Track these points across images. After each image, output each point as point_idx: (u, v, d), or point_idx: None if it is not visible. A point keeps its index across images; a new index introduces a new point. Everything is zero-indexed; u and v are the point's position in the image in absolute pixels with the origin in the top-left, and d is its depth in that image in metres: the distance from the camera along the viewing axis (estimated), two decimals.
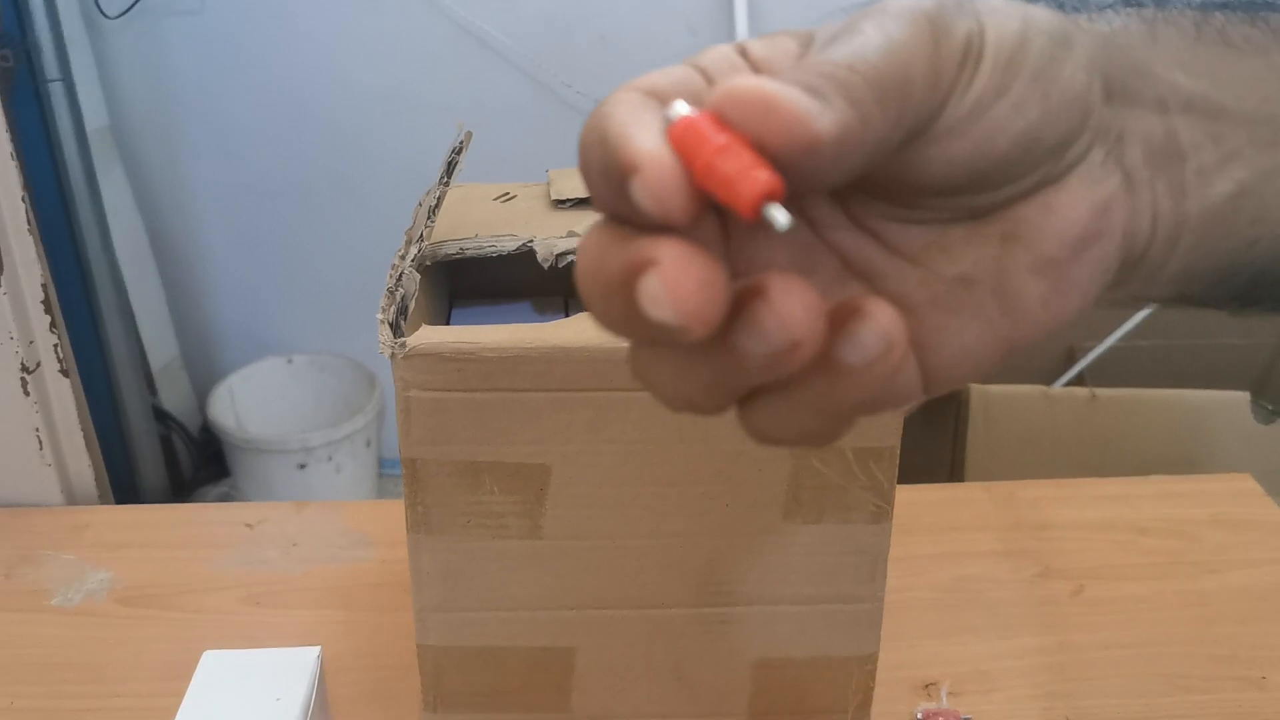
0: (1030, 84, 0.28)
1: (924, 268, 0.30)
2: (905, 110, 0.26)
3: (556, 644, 0.60)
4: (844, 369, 0.26)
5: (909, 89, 0.26)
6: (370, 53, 1.86)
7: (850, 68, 0.25)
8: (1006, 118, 0.28)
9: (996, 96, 0.28)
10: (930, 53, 0.27)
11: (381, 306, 0.53)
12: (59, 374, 0.87)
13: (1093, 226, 0.30)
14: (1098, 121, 0.29)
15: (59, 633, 0.74)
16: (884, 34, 0.26)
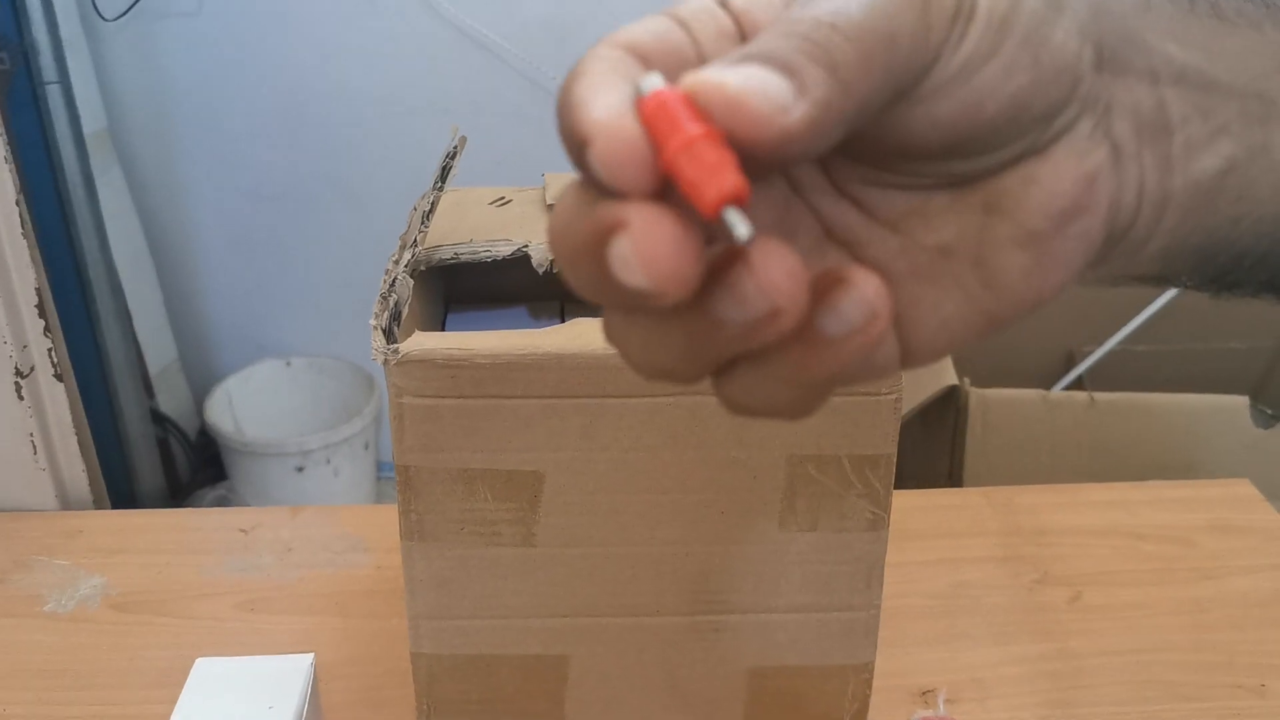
0: (1021, 47, 0.27)
1: (904, 236, 0.30)
2: (891, 69, 0.25)
3: (550, 652, 0.59)
4: (824, 339, 0.25)
5: (895, 46, 0.25)
6: (368, 55, 1.85)
7: (832, 25, 0.25)
8: (996, 80, 0.27)
9: (987, 58, 0.27)
10: (919, 11, 0.26)
11: (375, 312, 0.53)
12: (53, 378, 0.86)
13: (1078, 200, 0.29)
14: (1087, 90, 0.29)
15: (52, 639, 0.74)
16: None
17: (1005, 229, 0.29)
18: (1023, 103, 0.27)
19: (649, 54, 0.26)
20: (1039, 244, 0.29)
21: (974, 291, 0.29)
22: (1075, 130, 0.29)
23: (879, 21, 0.25)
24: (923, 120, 0.27)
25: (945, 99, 0.27)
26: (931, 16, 0.26)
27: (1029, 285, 0.29)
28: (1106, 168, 0.29)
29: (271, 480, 1.91)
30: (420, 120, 1.89)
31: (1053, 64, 0.27)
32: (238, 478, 1.95)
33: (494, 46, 1.82)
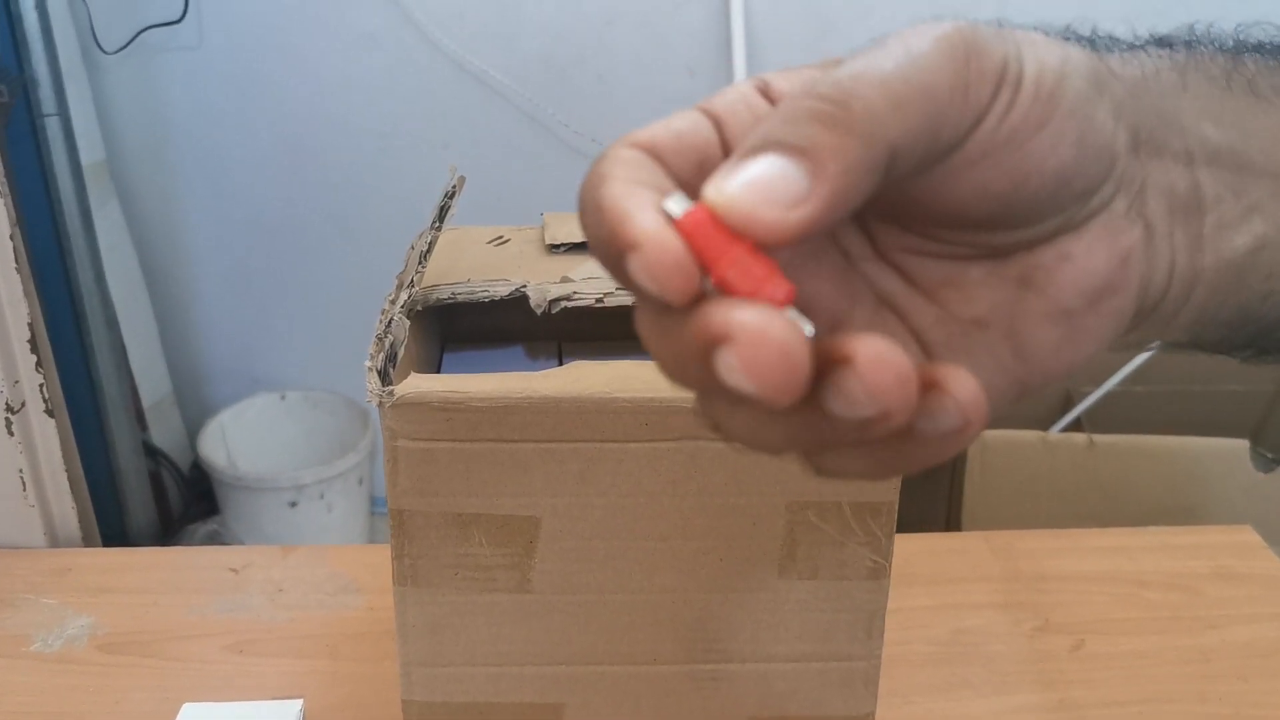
0: (1068, 121, 0.27)
1: (941, 306, 0.30)
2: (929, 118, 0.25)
3: (545, 700, 0.58)
4: (920, 436, 0.25)
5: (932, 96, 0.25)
6: (367, 90, 1.86)
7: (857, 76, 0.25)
8: (1043, 153, 0.27)
9: (1036, 129, 0.27)
10: (959, 67, 0.26)
11: (370, 353, 0.52)
12: (44, 414, 0.85)
13: (1110, 279, 0.29)
14: (1123, 170, 0.29)
15: (37, 680, 0.73)
16: (905, 46, 0.26)
17: (1039, 304, 0.29)
18: (1066, 178, 0.28)
19: (666, 154, 0.27)
20: (1071, 320, 0.29)
21: (1006, 362, 0.30)
22: (1111, 209, 0.29)
23: (912, 73, 0.25)
24: (972, 186, 0.28)
25: (994, 167, 0.27)
26: (971, 75, 0.26)
27: (1059, 358, 0.30)
28: (1139, 247, 0.29)
29: (264, 515, 1.89)
30: (418, 155, 1.89)
31: (1094, 142, 0.28)
32: (230, 512, 1.94)
33: (493, 82, 1.83)
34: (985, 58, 0.26)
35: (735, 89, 0.29)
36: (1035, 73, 0.27)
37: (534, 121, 1.85)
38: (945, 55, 0.26)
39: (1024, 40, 0.28)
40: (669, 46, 1.81)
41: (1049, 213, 0.28)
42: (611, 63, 1.83)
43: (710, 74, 1.82)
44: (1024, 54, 0.27)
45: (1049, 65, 0.27)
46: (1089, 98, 0.28)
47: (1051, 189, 0.28)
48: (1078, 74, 0.28)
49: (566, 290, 0.58)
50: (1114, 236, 0.29)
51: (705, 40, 1.80)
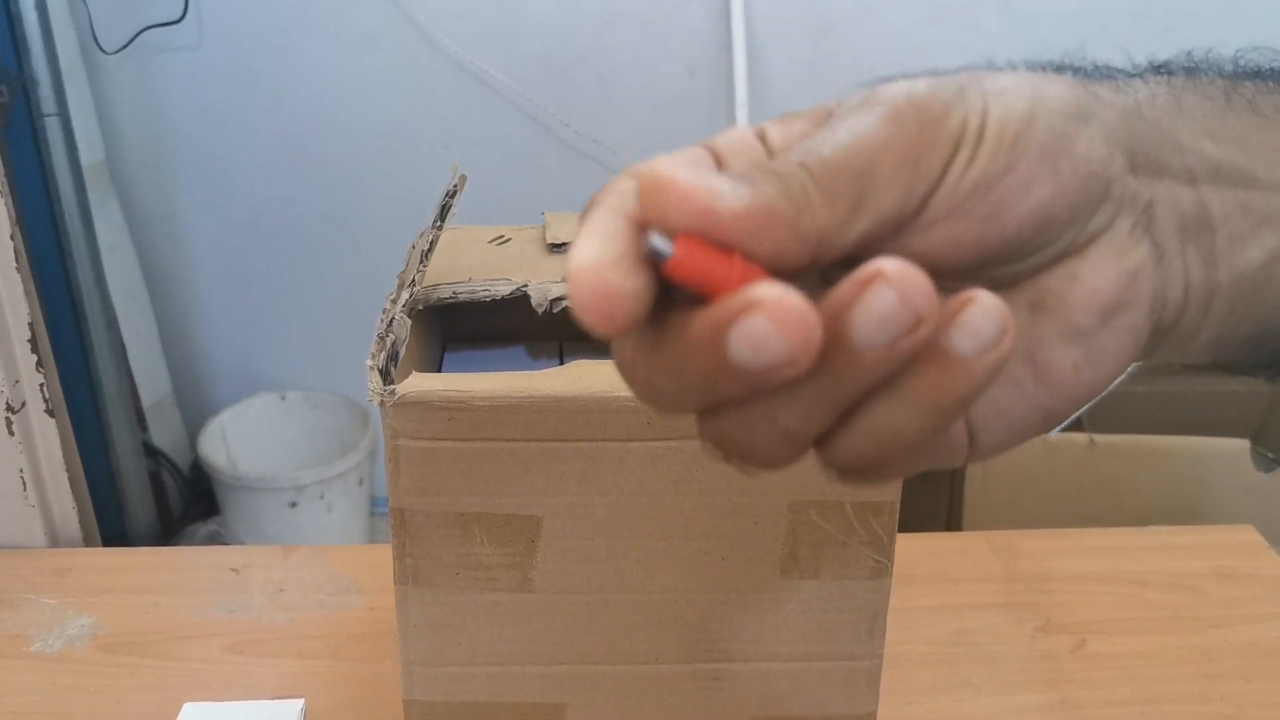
0: (1038, 161, 0.28)
1: None
2: (864, 199, 0.26)
3: (546, 700, 0.58)
4: (958, 358, 0.25)
5: (868, 180, 0.26)
6: (368, 90, 1.85)
7: (800, 163, 0.26)
8: (1014, 196, 0.28)
9: (1001, 176, 0.28)
10: (908, 142, 0.27)
11: (372, 353, 0.52)
12: (45, 414, 0.85)
13: (1120, 295, 0.29)
14: (1122, 192, 0.29)
15: (37, 680, 0.73)
16: (849, 129, 0.27)
17: (1052, 326, 0.30)
18: (1046, 213, 0.28)
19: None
20: (1086, 339, 0.30)
21: (1028, 388, 0.30)
22: (1114, 229, 0.30)
23: (850, 159, 0.26)
24: (944, 240, 0.28)
25: (962, 219, 0.28)
26: (923, 146, 0.27)
27: (1080, 379, 0.30)
28: (1149, 264, 0.30)
29: (264, 515, 1.89)
30: (419, 155, 1.89)
31: (1076, 173, 0.28)
32: (230, 512, 1.94)
33: (493, 82, 1.82)
34: (940, 125, 0.27)
35: (736, 131, 0.30)
36: (999, 123, 0.28)
37: (534, 121, 1.85)
38: (892, 133, 0.27)
39: (992, 91, 0.28)
40: (669, 46, 1.81)
41: (1041, 244, 0.29)
42: (612, 63, 1.82)
43: (710, 74, 1.82)
44: (990, 107, 0.28)
45: (1015, 112, 0.28)
46: (1065, 133, 0.28)
47: (1034, 225, 0.28)
48: (1050, 111, 0.28)
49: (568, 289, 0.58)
50: (1120, 256, 0.29)
51: (705, 40, 1.80)
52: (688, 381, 0.25)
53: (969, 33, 1.79)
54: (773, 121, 0.30)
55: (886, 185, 0.27)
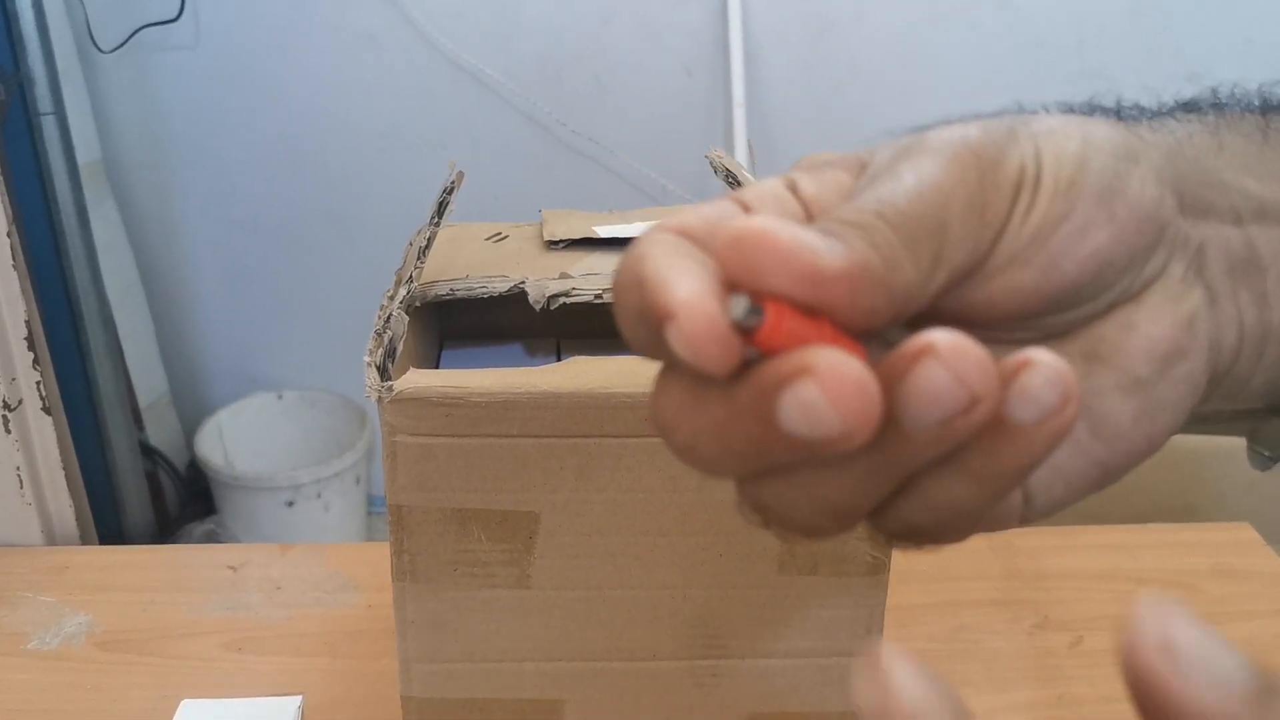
0: (1095, 205, 0.27)
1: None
2: (942, 251, 0.25)
3: (544, 697, 0.58)
4: (1017, 428, 0.24)
5: (944, 230, 0.25)
6: (365, 90, 1.86)
7: (877, 213, 0.24)
8: (1072, 242, 0.27)
9: (1060, 222, 0.27)
10: (972, 190, 0.26)
11: (369, 349, 0.52)
12: (41, 412, 0.85)
13: (1178, 342, 0.29)
14: (1174, 235, 0.28)
15: (35, 677, 0.73)
16: (917, 175, 0.25)
17: (1109, 376, 0.29)
18: (1104, 258, 0.27)
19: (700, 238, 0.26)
20: (1144, 389, 0.28)
21: (1084, 442, 0.29)
22: (1168, 274, 0.29)
23: (925, 208, 0.25)
24: (1003, 289, 0.27)
25: (1022, 267, 0.27)
26: (987, 194, 0.26)
27: (1139, 431, 0.29)
28: (1203, 309, 0.29)
29: (262, 514, 1.89)
30: (416, 155, 1.89)
31: (1132, 215, 0.27)
32: (227, 512, 1.94)
33: (490, 81, 1.83)
34: (999, 170, 0.26)
35: (765, 184, 0.28)
36: (1054, 167, 0.27)
37: (531, 121, 1.85)
38: (956, 180, 0.26)
39: (1041, 134, 0.27)
40: (666, 46, 1.81)
41: (1097, 291, 0.28)
42: (609, 62, 1.83)
43: (707, 74, 1.82)
44: (1042, 151, 0.27)
45: (1067, 154, 0.27)
46: (1118, 174, 0.27)
47: (1092, 271, 0.27)
48: (1101, 153, 0.27)
49: (565, 286, 0.58)
50: (1175, 302, 0.28)
51: (702, 40, 1.80)
52: (733, 445, 0.24)
53: (967, 32, 1.79)
54: (801, 171, 0.28)
55: (959, 235, 0.25)
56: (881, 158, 0.27)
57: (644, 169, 1.86)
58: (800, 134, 1.84)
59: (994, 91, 1.82)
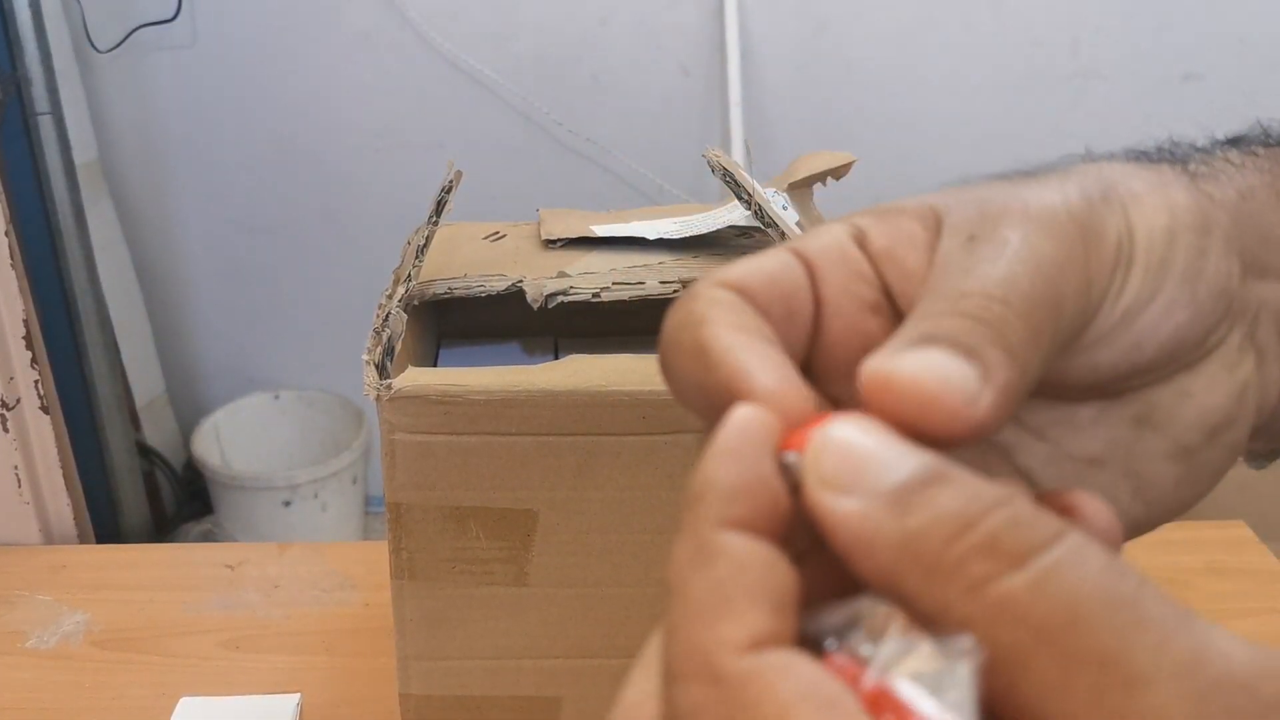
0: (1179, 285, 0.26)
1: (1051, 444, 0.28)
2: (1057, 335, 0.24)
3: (542, 694, 0.58)
4: None
5: (1061, 311, 0.24)
6: (362, 89, 1.86)
7: (1004, 301, 0.23)
8: (1156, 323, 0.26)
9: (1147, 302, 0.26)
10: (1080, 265, 0.25)
11: (367, 347, 0.52)
12: (39, 411, 0.85)
13: (1229, 413, 0.28)
14: (1239, 305, 0.28)
15: (33, 676, 0.73)
16: (1032, 249, 0.24)
17: (1158, 443, 0.28)
18: (1180, 338, 0.27)
19: (758, 297, 0.25)
20: (1191, 457, 0.28)
21: (1124, 503, 0.28)
22: (1226, 343, 0.28)
23: (1046, 289, 0.24)
24: (1084, 367, 0.26)
25: (1106, 347, 0.26)
26: (1093, 270, 0.25)
27: (1178, 496, 0.28)
28: (1254, 375, 0.28)
29: (258, 514, 1.89)
30: (413, 154, 1.89)
31: (1209, 293, 0.27)
32: (224, 512, 1.94)
33: (487, 81, 1.83)
34: (1101, 244, 0.25)
35: (829, 233, 0.26)
36: (1145, 243, 0.26)
37: (528, 120, 1.86)
38: (1068, 255, 0.24)
39: (1130, 201, 0.26)
40: (663, 45, 1.81)
41: (1165, 368, 0.27)
42: (606, 62, 1.83)
43: (704, 73, 1.82)
44: (1133, 224, 0.26)
45: (1158, 230, 0.26)
46: (1200, 250, 0.26)
47: (1168, 351, 0.27)
48: (1187, 229, 0.26)
49: (563, 285, 0.58)
50: (1231, 370, 0.28)
51: (699, 39, 1.80)
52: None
53: (963, 33, 1.80)
54: (869, 218, 0.27)
55: (1071, 314, 0.24)
56: (967, 217, 0.25)
57: (641, 169, 1.86)
58: (797, 134, 1.84)
59: (990, 91, 1.83)
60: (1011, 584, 0.19)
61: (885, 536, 0.20)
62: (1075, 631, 0.18)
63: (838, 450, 0.21)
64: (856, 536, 0.20)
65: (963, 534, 0.19)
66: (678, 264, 0.60)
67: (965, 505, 0.20)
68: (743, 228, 0.64)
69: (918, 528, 0.20)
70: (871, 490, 0.20)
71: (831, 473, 0.21)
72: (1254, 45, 1.80)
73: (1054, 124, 1.84)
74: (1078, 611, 0.18)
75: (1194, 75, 1.83)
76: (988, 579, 0.19)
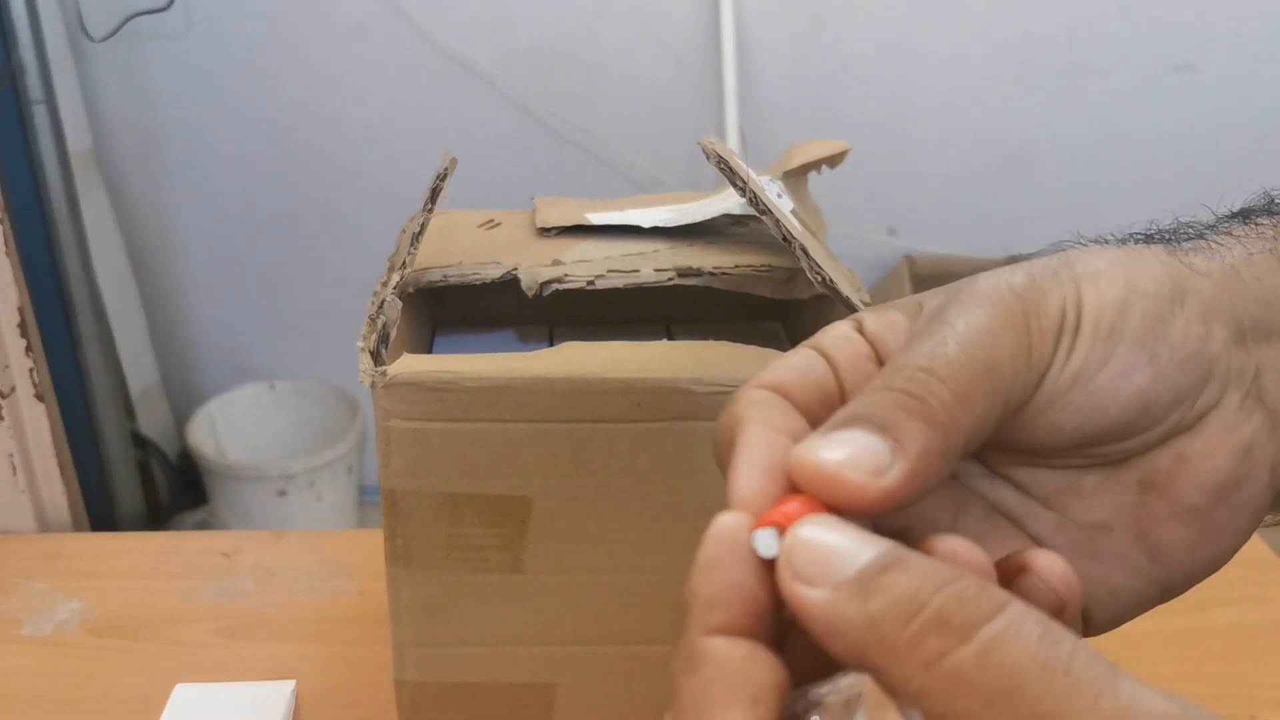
0: (1135, 349, 0.27)
1: (1059, 513, 0.30)
2: (994, 396, 0.26)
3: (537, 680, 0.58)
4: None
5: (995, 374, 0.26)
6: (356, 80, 1.85)
7: (929, 369, 0.26)
8: (1112, 385, 0.27)
9: (1100, 365, 0.27)
10: (1019, 331, 0.27)
11: (363, 334, 0.52)
12: (34, 399, 0.85)
13: (1234, 473, 0.28)
14: (1226, 367, 0.28)
15: (28, 663, 0.73)
16: (966, 321, 0.26)
17: (1163, 506, 0.29)
18: (1147, 398, 0.28)
19: (794, 392, 0.28)
20: (1201, 517, 0.29)
21: (1140, 565, 0.29)
22: (1223, 405, 0.28)
23: (976, 354, 0.26)
24: (1045, 427, 0.28)
25: (1064, 408, 0.28)
26: (1033, 337, 0.27)
27: (1196, 555, 0.29)
28: (1263, 435, 0.29)
29: (253, 504, 1.89)
30: (407, 146, 1.89)
31: (1173, 357, 0.28)
32: (219, 502, 1.94)
33: (482, 72, 1.83)
34: (1043, 314, 0.27)
35: (836, 329, 0.30)
36: (1094, 312, 0.27)
37: (523, 111, 1.86)
38: (1004, 324, 0.27)
39: (1085, 277, 0.28)
40: (657, 36, 1.81)
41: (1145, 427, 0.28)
42: (600, 53, 1.83)
43: (699, 65, 1.82)
44: (1083, 295, 0.27)
45: (1109, 300, 0.27)
46: (1160, 317, 0.27)
47: (1135, 410, 0.28)
48: (1145, 297, 0.28)
49: (558, 273, 0.58)
50: (1231, 431, 0.28)
51: (694, 31, 1.80)
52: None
53: (958, 24, 1.80)
54: (866, 312, 0.30)
55: (1009, 377, 0.26)
56: (933, 304, 0.28)
57: (636, 160, 1.86)
58: (791, 124, 1.85)
59: (984, 84, 1.83)
60: (960, 657, 0.21)
61: (850, 620, 0.23)
62: (1018, 698, 0.20)
63: (805, 547, 0.24)
64: (827, 622, 0.23)
65: (916, 614, 0.22)
66: (672, 252, 0.61)
67: (918, 586, 0.22)
68: (737, 216, 0.64)
69: (877, 611, 0.22)
70: (835, 580, 0.23)
71: (801, 567, 0.24)
72: (1248, 37, 1.81)
73: (1048, 116, 1.84)
74: (1019, 680, 0.21)
75: (1188, 67, 1.83)
76: (940, 654, 0.21)
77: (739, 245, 0.61)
